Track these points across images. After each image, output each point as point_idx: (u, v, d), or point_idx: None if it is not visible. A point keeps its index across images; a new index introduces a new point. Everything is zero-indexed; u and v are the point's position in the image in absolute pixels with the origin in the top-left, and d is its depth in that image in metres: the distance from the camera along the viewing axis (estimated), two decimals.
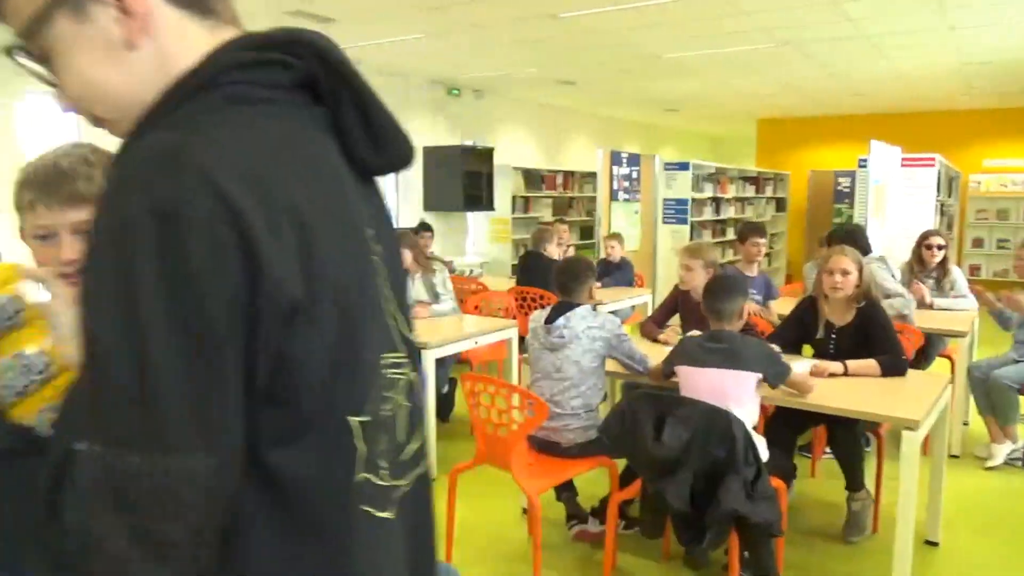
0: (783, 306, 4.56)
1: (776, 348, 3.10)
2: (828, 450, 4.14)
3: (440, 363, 4.24)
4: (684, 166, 9.09)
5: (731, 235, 10.79)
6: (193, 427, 0.64)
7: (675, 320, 4.09)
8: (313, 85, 0.82)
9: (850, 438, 3.28)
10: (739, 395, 2.74)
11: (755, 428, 2.80)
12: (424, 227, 7.14)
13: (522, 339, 3.90)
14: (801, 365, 3.15)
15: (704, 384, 2.78)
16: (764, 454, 2.70)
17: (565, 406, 3.06)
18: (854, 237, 4.51)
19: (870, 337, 3.30)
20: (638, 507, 3.06)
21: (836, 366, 3.19)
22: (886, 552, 2.86)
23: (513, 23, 6.09)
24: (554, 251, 6.03)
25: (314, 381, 0.72)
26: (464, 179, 8.77)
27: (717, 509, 2.48)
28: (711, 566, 3.09)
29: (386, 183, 8.79)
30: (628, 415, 2.70)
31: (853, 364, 3.20)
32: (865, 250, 4.47)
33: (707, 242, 8.52)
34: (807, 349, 3.60)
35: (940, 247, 4.96)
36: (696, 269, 3.80)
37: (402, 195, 9.02)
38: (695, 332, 3.37)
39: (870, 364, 3.21)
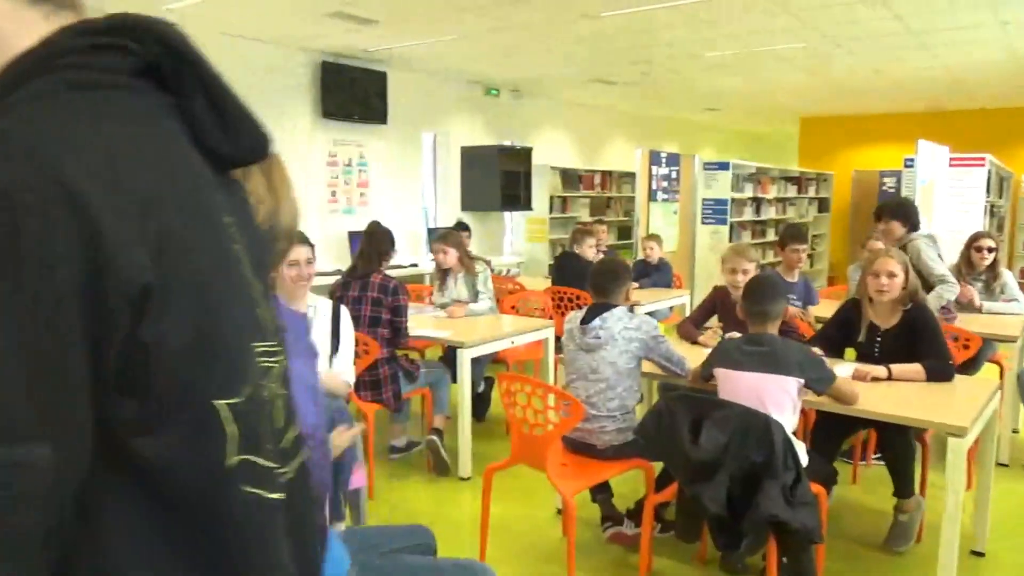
0: (823, 310, 4.48)
1: (819, 352, 3.05)
2: (876, 456, 4.06)
3: (476, 362, 4.25)
4: (724, 166, 8.99)
5: (772, 236, 10.64)
6: (34, 416, 0.62)
7: (714, 321, 4.04)
8: (157, 72, 0.79)
9: (903, 443, 3.20)
10: (779, 399, 2.70)
11: (795, 434, 2.76)
12: (462, 227, 7.16)
13: (558, 339, 3.90)
14: (843, 369, 3.09)
15: (743, 387, 2.75)
16: (804, 459, 2.65)
17: (601, 407, 3.04)
18: (905, 210, 4.41)
19: (916, 340, 3.22)
20: (674, 510, 3.03)
21: (880, 370, 3.12)
22: (930, 562, 2.79)
23: (552, 23, 6.08)
24: (589, 252, 6.01)
25: (171, 367, 0.70)
26: (502, 179, 8.79)
27: (755, 514, 2.44)
28: (748, 572, 3.05)
29: (424, 184, 8.87)
30: (665, 417, 2.68)
31: (897, 368, 3.13)
32: (915, 225, 4.38)
33: (748, 243, 8.40)
34: (849, 352, 3.53)
35: (991, 249, 4.82)
36: (750, 271, 3.75)
37: (440, 195, 9.08)
38: (735, 334, 3.33)
39: (915, 368, 3.13)
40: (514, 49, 7.16)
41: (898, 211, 4.27)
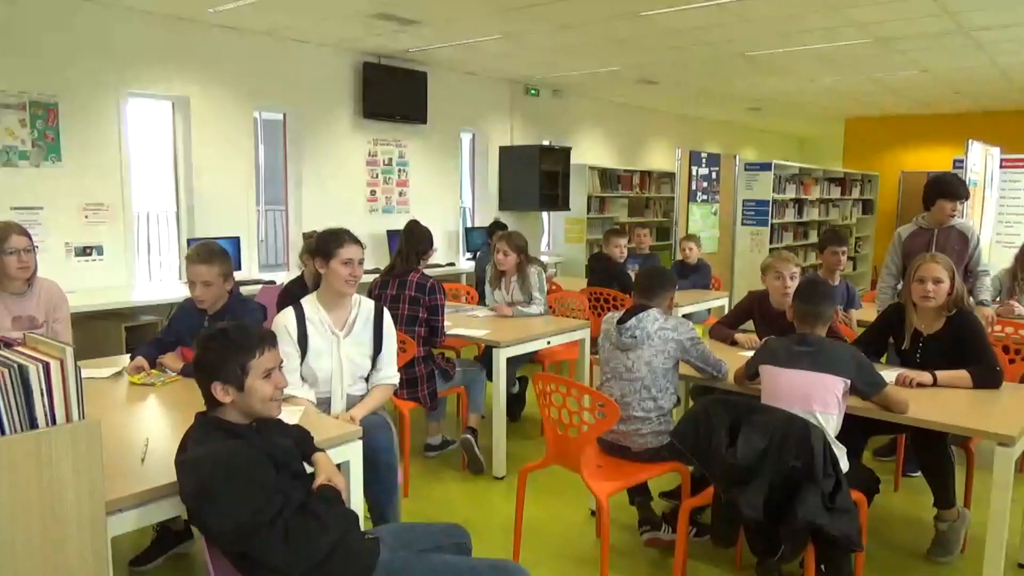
0: (867, 313, 4.39)
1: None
2: (911, 470, 3.97)
3: (511, 362, 4.26)
4: (766, 166, 8.86)
5: (814, 238, 10.46)
6: None
7: (748, 327, 3.99)
8: None
9: (938, 453, 3.13)
10: (825, 399, 2.66)
11: (836, 437, 2.71)
12: (499, 226, 7.18)
13: (594, 340, 3.89)
14: (887, 374, 3.03)
15: (789, 386, 2.72)
16: (844, 465, 2.61)
17: (636, 408, 3.03)
18: (949, 180, 4.30)
19: (962, 346, 3.14)
20: (710, 514, 3.00)
21: (925, 376, 3.06)
22: (975, 574, 2.72)
23: (595, 22, 6.06)
24: (616, 252, 5.99)
25: None
26: (540, 179, 8.79)
27: (793, 520, 2.40)
28: None
29: (463, 183, 8.92)
30: (702, 420, 2.65)
31: (943, 375, 3.06)
32: (963, 195, 4.26)
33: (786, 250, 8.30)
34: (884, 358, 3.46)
35: None
36: (796, 275, 3.70)
37: (478, 194, 9.11)
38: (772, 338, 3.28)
39: (962, 375, 3.06)
40: (555, 49, 7.15)
41: (941, 179, 4.22)
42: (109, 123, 5.64)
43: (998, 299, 4.89)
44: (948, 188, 4.21)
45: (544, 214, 9.81)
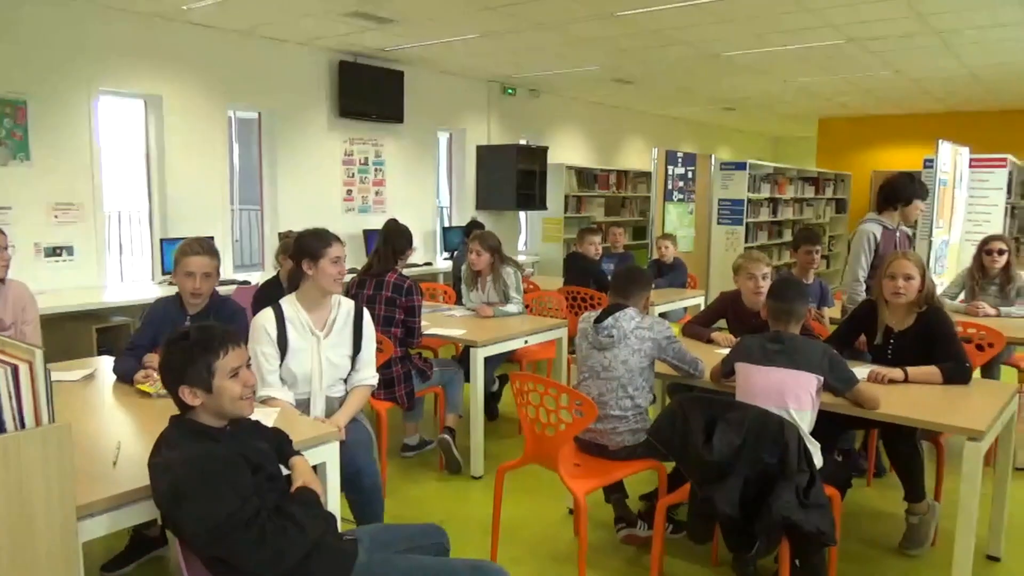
0: (839, 312, 4.44)
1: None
2: (878, 473, 4.03)
3: (488, 361, 4.26)
4: (741, 166, 8.94)
5: (788, 237, 10.57)
6: None
7: (721, 324, 4.03)
8: None
9: (908, 448, 3.18)
10: (799, 396, 2.70)
11: (811, 433, 2.74)
12: (476, 226, 7.17)
13: (571, 339, 3.90)
14: (859, 370, 3.07)
15: (764, 383, 2.75)
16: (818, 460, 2.64)
17: (613, 406, 3.04)
18: (921, 181, 4.32)
19: (932, 343, 3.19)
20: (686, 511, 3.02)
21: (896, 372, 3.10)
22: (944, 566, 2.76)
23: (571, 22, 6.08)
24: (591, 250, 6.02)
25: None
26: (517, 178, 8.79)
27: (767, 516, 2.43)
28: (760, 574, 3.04)
29: (440, 183, 8.89)
30: (678, 418, 2.68)
31: (914, 370, 3.11)
32: (922, 195, 4.30)
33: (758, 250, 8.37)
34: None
35: (1001, 252, 4.76)
36: (768, 275, 3.75)
37: (455, 194, 9.10)
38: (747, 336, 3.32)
39: (932, 371, 3.11)
40: (532, 48, 7.16)
41: (896, 182, 4.25)
42: (80, 121, 5.56)
43: (962, 298, 4.98)
44: (923, 189, 4.31)
45: (521, 213, 9.82)
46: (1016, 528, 3.43)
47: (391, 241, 4.15)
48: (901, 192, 4.21)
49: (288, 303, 2.96)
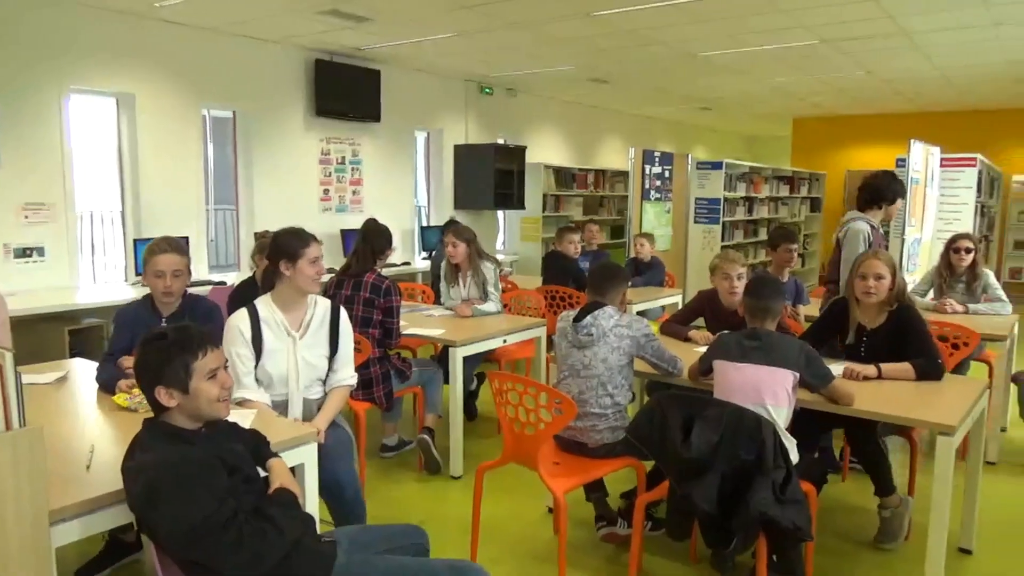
0: (814, 309, 4.49)
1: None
2: (854, 460, 4.08)
3: (467, 361, 4.25)
4: (717, 165, 9.01)
5: (764, 235, 10.66)
6: None
7: (699, 323, 4.06)
8: None
9: (871, 444, 3.23)
10: (776, 392, 2.72)
11: (787, 429, 2.77)
12: (455, 225, 7.15)
13: (550, 338, 3.91)
14: (834, 367, 3.11)
15: (741, 380, 2.77)
16: (795, 456, 2.67)
17: (593, 405, 3.05)
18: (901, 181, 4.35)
19: (904, 340, 3.24)
20: (665, 509, 3.04)
21: (870, 369, 3.15)
22: (918, 559, 2.81)
23: (547, 22, 6.09)
24: (570, 248, 6.03)
25: None
26: (495, 177, 8.79)
27: (745, 512, 2.45)
28: (738, 570, 3.06)
29: (418, 182, 8.87)
30: (657, 416, 2.69)
31: (887, 367, 3.15)
32: (904, 193, 4.32)
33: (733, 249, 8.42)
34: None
35: (968, 250, 4.84)
36: (744, 275, 3.78)
37: (433, 193, 9.08)
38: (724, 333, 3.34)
39: (905, 367, 3.15)
40: (508, 47, 7.16)
41: (875, 181, 4.27)
42: (50, 120, 5.46)
43: (931, 296, 5.05)
44: (903, 188, 4.34)
45: (500, 213, 9.82)
46: (987, 521, 3.49)
47: (370, 241, 4.13)
48: (886, 191, 4.21)
49: (263, 304, 2.93)
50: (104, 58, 5.74)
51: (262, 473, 2.08)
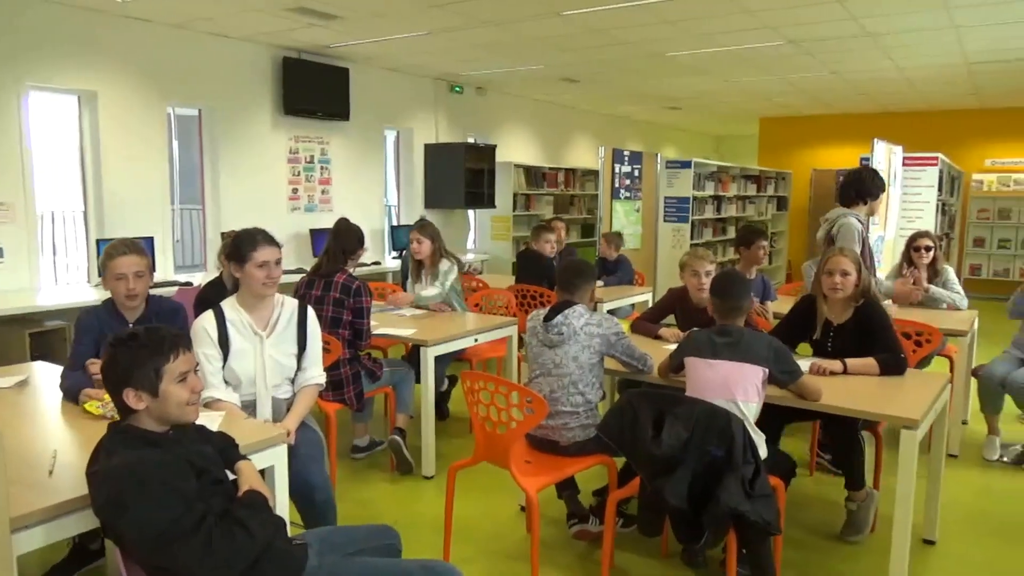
0: (782, 306, 4.55)
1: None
2: (820, 454, 4.14)
3: (439, 360, 4.24)
4: (686, 164, 9.09)
5: (732, 233, 10.79)
6: None
7: (670, 322, 4.09)
8: None
9: (848, 437, 3.28)
10: (745, 388, 2.75)
11: (757, 424, 2.80)
12: (426, 224, 7.12)
13: (521, 337, 3.91)
14: (802, 363, 3.15)
15: (712, 376, 2.79)
16: (763, 451, 2.70)
17: (564, 403, 3.06)
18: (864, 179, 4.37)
19: (869, 335, 3.30)
20: (636, 505, 3.06)
21: (836, 364, 3.20)
22: (883, 551, 2.86)
23: (517, 21, 6.09)
24: (546, 248, 6.04)
25: None
26: (466, 176, 8.78)
27: (715, 507, 2.48)
28: (709, 564, 3.10)
29: (388, 181, 8.81)
30: (628, 413, 2.71)
31: (852, 362, 3.20)
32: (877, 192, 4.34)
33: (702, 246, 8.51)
34: (803, 348, 3.61)
35: (928, 248, 4.95)
36: (712, 272, 3.81)
37: (403, 192, 9.03)
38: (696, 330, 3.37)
39: (869, 363, 3.21)
40: (478, 46, 7.15)
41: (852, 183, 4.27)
42: (8, 118, 5.33)
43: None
44: (884, 184, 4.39)
45: (470, 212, 9.81)
46: (950, 512, 3.57)
47: (341, 240, 4.10)
48: (870, 186, 4.26)
49: (228, 305, 2.90)
50: (65, 54, 5.62)
51: (231, 476, 2.06)
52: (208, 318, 2.84)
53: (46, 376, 3.14)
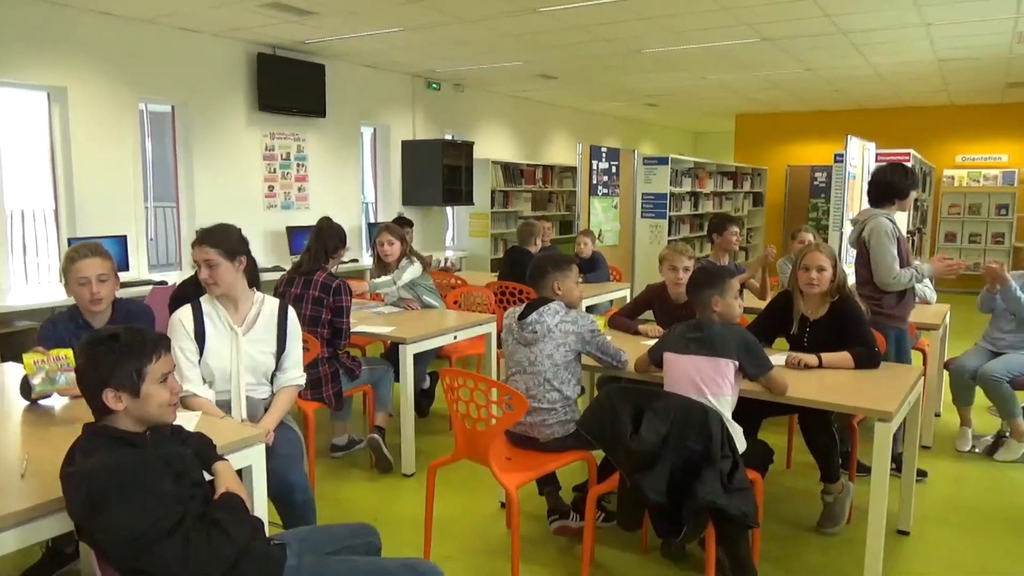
0: (756, 300, 4.60)
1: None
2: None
3: (419, 358, 4.22)
4: (663, 160, 9.13)
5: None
6: None
7: (648, 317, 4.11)
8: None
9: (823, 430, 3.32)
10: (718, 381, 2.77)
11: (733, 416, 2.83)
12: (404, 222, 7.10)
13: (500, 334, 3.90)
14: (776, 358, 3.18)
15: (685, 371, 2.81)
16: (741, 444, 2.73)
17: (541, 399, 3.06)
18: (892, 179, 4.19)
19: (844, 330, 3.34)
20: (616, 500, 3.07)
21: (811, 358, 3.23)
22: (859, 542, 2.90)
23: (494, 17, 6.07)
24: (534, 249, 6.05)
25: None
26: (444, 173, 8.75)
27: (694, 501, 2.50)
28: (688, 558, 3.12)
29: (365, 178, 8.76)
30: (607, 409, 2.72)
31: (827, 356, 3.24)
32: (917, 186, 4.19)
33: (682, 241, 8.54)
34: (780, 343, 3.64)
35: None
36: (690, 267, 3.83)
37: (381, 189, 8.98)
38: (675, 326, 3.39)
39: (844, 356, 3.25)
40: (455, 43, 7.12)
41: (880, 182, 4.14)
42: None
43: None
44: (917, 181, 4.24)
45: (448, 209, 9.78)
46: (923, 504, 3.63)
47: (323, 239, 4.07)
48: (899, 186, 4.05)
49: (207, 300, 2.89)
50: (33, 49, 5.51)
51: (208, 477, 2.03)
52: (185, 311, 2.82)
53: (16, 378, 3.08)
